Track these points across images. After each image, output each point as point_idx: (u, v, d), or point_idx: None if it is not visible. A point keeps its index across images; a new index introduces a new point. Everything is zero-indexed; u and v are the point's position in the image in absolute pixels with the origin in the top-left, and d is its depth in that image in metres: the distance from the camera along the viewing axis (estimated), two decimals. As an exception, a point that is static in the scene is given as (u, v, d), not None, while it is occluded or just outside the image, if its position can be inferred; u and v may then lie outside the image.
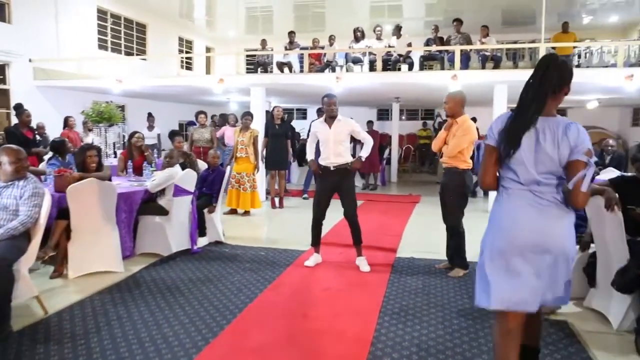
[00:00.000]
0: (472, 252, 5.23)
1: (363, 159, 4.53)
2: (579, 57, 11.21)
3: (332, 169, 4.45)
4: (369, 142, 4.53)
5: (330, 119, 4.46)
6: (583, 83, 7.40)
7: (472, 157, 4.44)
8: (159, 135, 10.45)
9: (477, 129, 4.37)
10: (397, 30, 9.34)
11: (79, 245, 4.15)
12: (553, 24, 10.08)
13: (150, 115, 10.55)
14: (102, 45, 11.82)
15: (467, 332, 3.19)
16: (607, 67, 9.43)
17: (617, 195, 3.16)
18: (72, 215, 4.08)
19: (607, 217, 3.24)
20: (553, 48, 8.37)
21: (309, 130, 4.84)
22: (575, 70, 7.00)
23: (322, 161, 4.51)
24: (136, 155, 5.95)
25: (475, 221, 4.98)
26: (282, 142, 7.78)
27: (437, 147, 4.44)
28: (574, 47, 10.03)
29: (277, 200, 8.00)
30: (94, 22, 11.47)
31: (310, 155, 4.68)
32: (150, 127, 10.38)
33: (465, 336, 3.12)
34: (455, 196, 4.30)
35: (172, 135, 5.83)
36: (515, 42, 11.66)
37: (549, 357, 2.85)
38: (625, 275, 3.07)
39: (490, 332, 3.16)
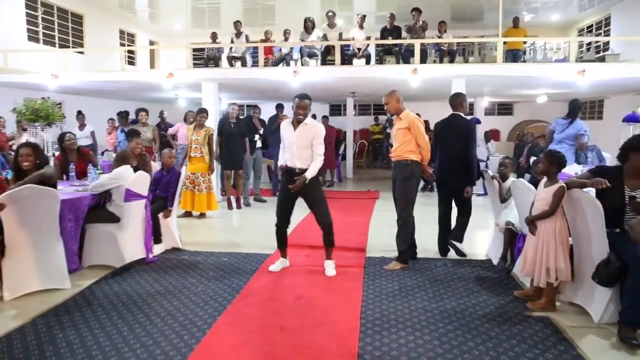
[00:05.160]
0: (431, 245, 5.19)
1: (307, 180, 4.04)
2: (524, 53, 11.58)
3: (297, 171, 4.14)
4: (318, 159, 4.12)
5: (298, 122, 4.16)
6: (536, 78, 7.58)
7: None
8: (92, 132, 9.44)
9: (427, 122, 4.70)
10: (362, 21, 9.16)
11: (16, 262, 3.63)
12: (497, 21, 10.30)
13: (79, 113, 9.49)
14: (33, 37, 10.82)
15: (454, 335, 3.04)
16: (550, 63, 9.77)
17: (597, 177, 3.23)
18: (5, 228, 3.56)
19: (587, 210, 3.21)
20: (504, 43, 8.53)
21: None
22: (529, 65, 7.20)
23: (287, 163, 4.25)
24: (73, 159, 5.37)
25: (435, 215, 4.95)
26: (238, 141, 7.40)
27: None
28: (524, 43, 10.33)
29: (234, 201, 7.64)
30: (22, 11, 10.45)
31: (281, 160, 4.33)
32: (82, 126, 9.31)
33: (453, 340, 2.97)
34: (403, 186, 4.43)
35: (132, 134, 5.31)
36: (465, 37, 11.87)
37: (541, 358, 2.75)
38: (607, 269, 3.05)
39: (477, 334, 3.05)
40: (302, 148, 4.12)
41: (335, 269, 4.31)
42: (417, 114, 4.59)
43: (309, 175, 4.05)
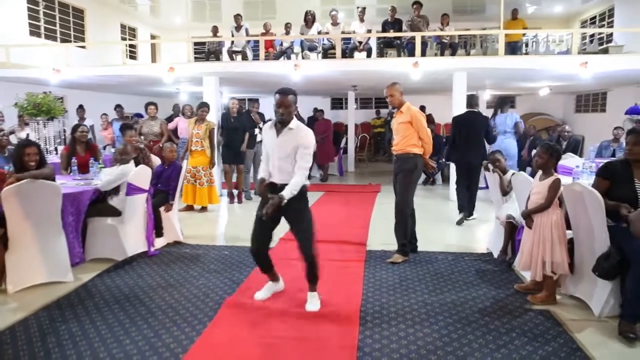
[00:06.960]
0: (439, 238, 5.21)
1: (283, 201, 3.09)
2: (527, 45, 11.50)
3: (277, 187, 3.24)
4: (300, 174, 3.17)
5: (281, 124, 3.25)
6: (538, 70, 7.54)
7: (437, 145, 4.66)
8: (91, 127, 9.60)
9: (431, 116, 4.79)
10: (362, 14, 9.10)
11: (19, 255, 3.66)
12: (499, 13, 10.24)
13: (80, 107, 9.63)
14: (35, 32, 10.80)
15: (454, 328, 3.06)
16: (553, 55, 9.71)
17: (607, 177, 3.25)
18: (8, 222, 3.59)
19: (588, 203, 3.20)
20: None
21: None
22: (531, 58, 7.18)
23: (267, 177, 3.37)
24: (81, 151, 5.41)
25: (436, 208, 4.93)
26: (239, 136, 7.39)
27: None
28: (523, 35, 10.26)
29: (235, 195, 7.65)
30: (24, 5, 10.43)
31: (262, 171, 3.44)
32: (81, 120, 9.44)
33: (453, 333, 2.99)
34: (405, 178, 4.43)
35: (125, 128, 5.32)
36: (467, 30, 11.80)
37: (541, 350, 2.76)
38: (607, 262, 3.05)
39: (477, 327, 3.06)
40: (283, 160, 3.22)
41: (320, 303, 3.39)
42: (422, 107, 4.61)
43: (286, 194, 3.09)
